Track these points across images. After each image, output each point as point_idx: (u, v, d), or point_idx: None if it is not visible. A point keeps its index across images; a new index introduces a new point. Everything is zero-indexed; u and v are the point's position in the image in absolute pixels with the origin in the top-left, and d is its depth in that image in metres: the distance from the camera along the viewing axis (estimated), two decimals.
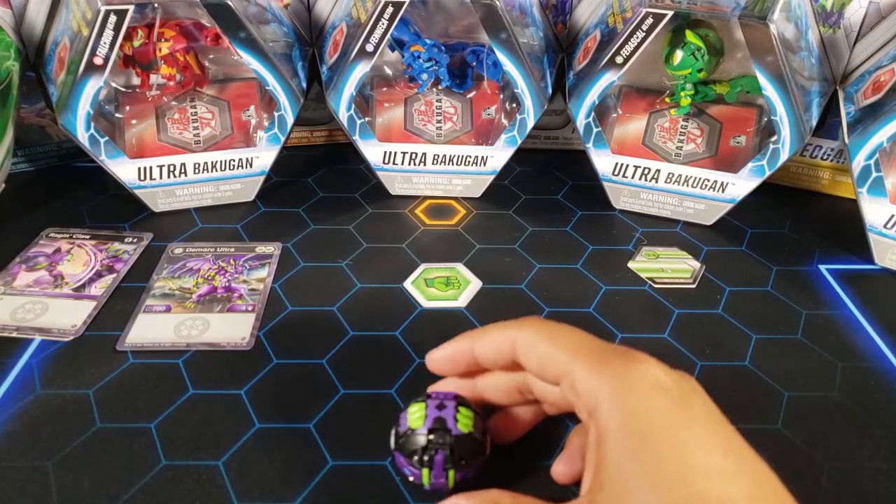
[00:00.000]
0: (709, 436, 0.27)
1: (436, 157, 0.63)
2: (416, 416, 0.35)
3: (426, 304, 0.51)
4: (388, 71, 0.65)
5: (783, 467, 0.40)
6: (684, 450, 0.26)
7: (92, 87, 0.53)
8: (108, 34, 0.51)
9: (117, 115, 0.60)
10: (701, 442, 0.26)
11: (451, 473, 0.35)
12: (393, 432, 0.37)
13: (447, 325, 0.50)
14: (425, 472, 0.35)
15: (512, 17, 0.56)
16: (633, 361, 0.29)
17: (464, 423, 0.35)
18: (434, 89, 0.64)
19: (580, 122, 0.60)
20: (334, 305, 0.51)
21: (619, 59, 0.56)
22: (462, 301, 0.51)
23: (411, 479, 0.36)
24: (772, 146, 0.56)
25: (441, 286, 0.53)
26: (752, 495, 0.25)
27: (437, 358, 0.37)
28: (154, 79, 0.59)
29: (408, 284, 0.53)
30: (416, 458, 0.35)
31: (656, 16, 0.53)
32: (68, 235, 0.57)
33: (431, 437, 0.34)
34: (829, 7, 0.58)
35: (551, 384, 0.32)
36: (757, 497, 0.25)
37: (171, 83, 0.59)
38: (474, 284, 0.53)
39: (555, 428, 0.41)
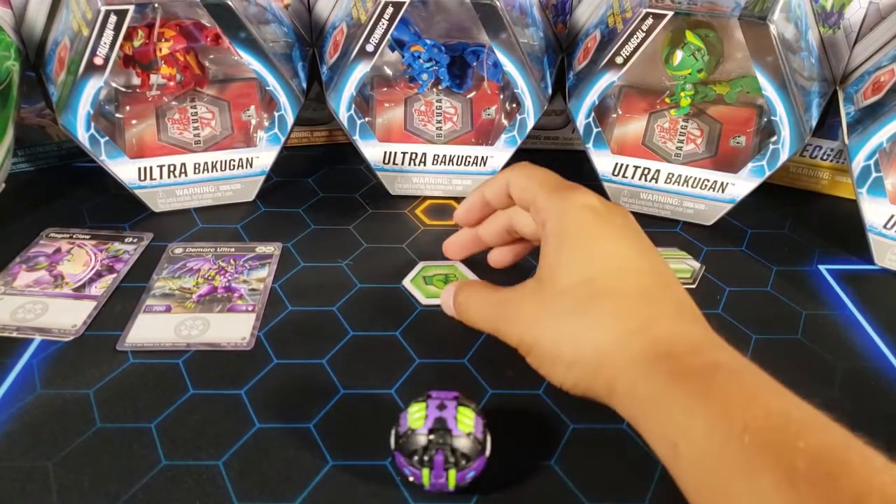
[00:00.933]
0: (620, 238, 0.37)
1: (436, 157, 0.63)
2: (416, 416, 0.35)
3: (424, 301, 0.51)
4: (389, 71, 0.65)
5: None
6: (597, 244, 0.36)
7: (92, 87, 0.53)
8: (109, 34, 0.51)
9: (117, 115, 0.60)
10: (612, 239, 0.37)
11: (452, 473, 0.35)
12: (393, 432, 0.37)
13: (447, 325, 0.49)
14: (426, 472, 0.35)
15: (512, 18, 0.56)
16: (576, 191, 0.39)
17: (464, 423, 0.35)
18: (434, 89, 0.64)
19: (580, 122, 0.60)
20: (334, 305, 0.51)
21: (619, 60, 0.56)
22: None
23: (411, 479, 0.36)
24: (772, 146, 0.56)
25: (440, 284, 0.53)
26: (643, 268, 0.37)
27: (461, 211, 0.48)
28: (154, 79, 0.59)
29: (406, 282, 0.53)
30: (416, 458, 0.35)
31: (656, 16, 0.53)
32: (68, 235, 0.57)
33: (432, 437, 0.34)
34: (829, 7, 0.58)
35: (525, 210, 0.42)
36: (647, 268, 0.37)
37: (172, 83, 0.59)
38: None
39: (555, 427, 0.41)
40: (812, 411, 0.29)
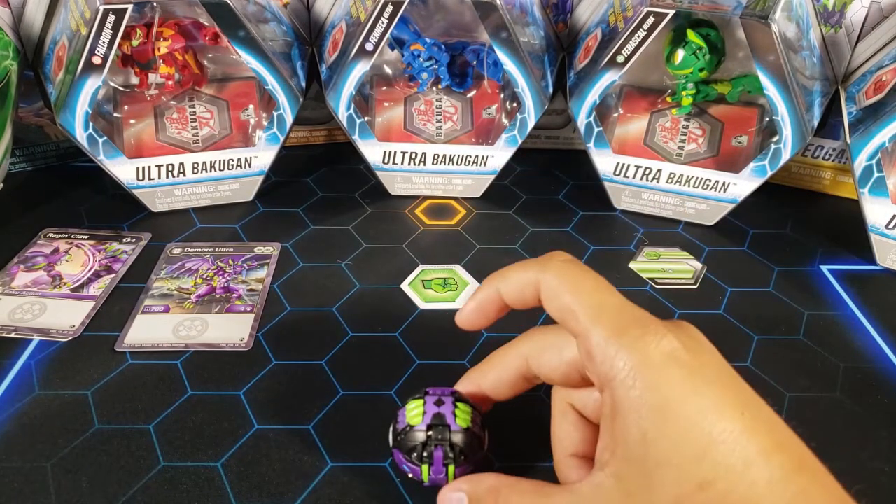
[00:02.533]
0: (723, 397, 0.27)
1: (436, 156, 0.63)
2: (414, 413, 0.35)
3: (423, 305, 0.51)
4: (388, 70, 0.65)
5: None
6: (704, 420, 0.26)
7: (90, 87, 0.53)
8: (107, 33, 0.51)
9: (116, 114, 0.60)
10: (717, 406, 0.26)
11: (451, 469, 0.34)
12: (391, 429, 0.36)
13: (447, 326, 0.49)
14: (424, 468, 0.34)
15: (512, 16, 0.55)
16: (648, 334, 0.28)
17: (462, 418, 0.35)
18: (434, 88, 0.64)
19: (581, 121, 0.60)
20: (333, 306, 0.51)
21: (620, 59, 0.55)
22: (460, 303, 0.51)
23: (410, 475, 0.36)
24: (773, 146, 0.56)
25: (438, 287, 0.53)
26: (768, 449, 0.26)
27: (467, 312, 0.36)
28: (153, 78, 0.59)
29: (405, 286, 0.53)
30: (415, 454, 0.34)
31: (658, 15, 0.53)
32: (66, 235, 0.57)
33: (430, 433, 0.34)
34: (831, 6, 0.58)
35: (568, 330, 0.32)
36: (772, 449, 0.26)
37: (170, 82, 0.59)
38: (472, 286, 0.53)
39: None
40: None
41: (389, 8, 0.54)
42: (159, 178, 0.60)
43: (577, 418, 0.34)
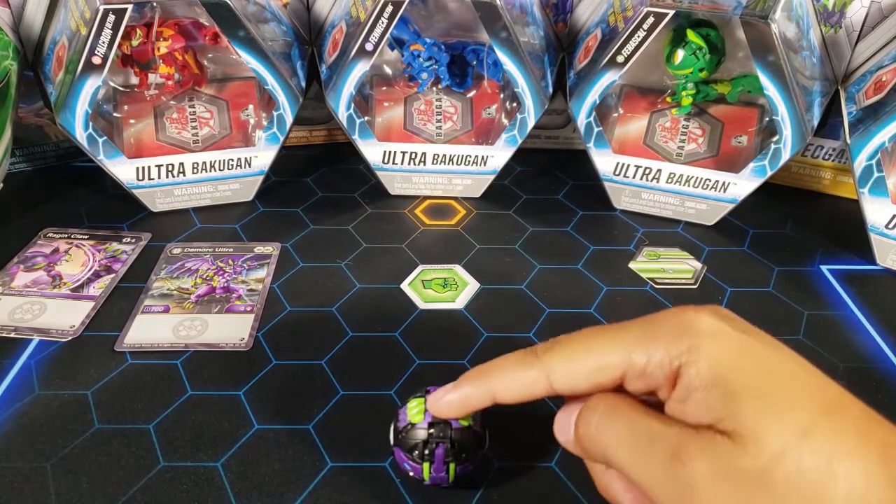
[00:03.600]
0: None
1: (436, 156, 0.63)
2: (415, 411, 0.35)
3: (423, 305, 0.51)
4: (388, 70, 0.65)
5: None
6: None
7: (90, 87, 0.53)
8: (107, 33, 0.51)
9: (115, 114, 0.60)
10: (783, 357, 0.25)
11: (452, 467, 0.34)
12: (392, 428, 0.36)
13: (447, 326, 0.49)
14: (426, 466, 0.34)
15: (512, 16, 0.55)
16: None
17: (463, 416, 0.35)
18: (434, 88, 0.64)
19: (581, 121, 0.60)
20: (333, 306, 0.51)
21: (620, 59, 0.55)
22: (459, 303, 0.51)
23: (411, 474, 0.36)
24: (773, 146, 0.56)
25: (438, 287, 0.53)
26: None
27: (449, 401, 0.31)
28: (153, 78, 0.59)
29: (405, 286, 0.53)
30: (416, 452, 0.34)
31: (658, 15, 0.53)
32: (66, 235, 0.57)
33: (432, 431, 0.34)
34: (831, 6, 0.58)
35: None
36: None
37: (170, 82, 0.59)
38: (472, 286, 0.53)
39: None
40: None
41: (389, 8, 0.54)
42: (159, 178, 0.60)
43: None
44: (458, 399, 0.31)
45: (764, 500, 0.21)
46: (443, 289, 0.53)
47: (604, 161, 0.62)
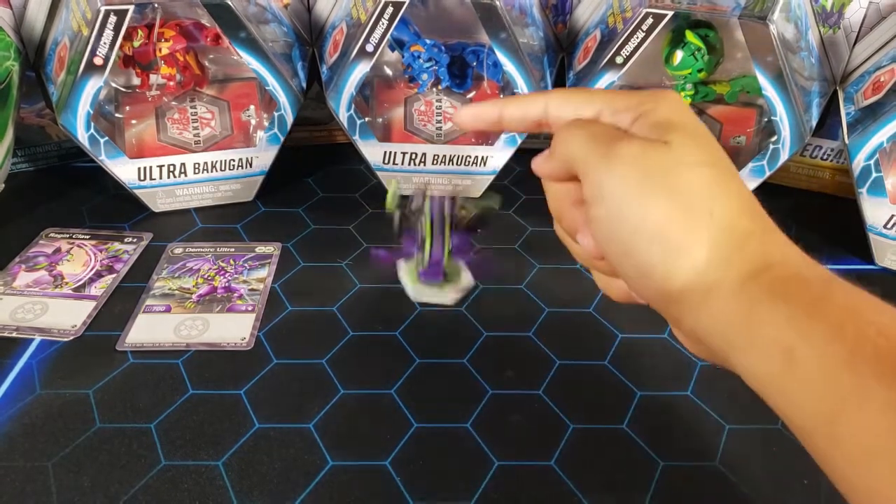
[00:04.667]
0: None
1: (436, 157, 0.63)
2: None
3: (414, 294, 0.49)
4: (389, 71, 0.65)
5: (783, 468, 0.40)
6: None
7: (92, 87, 0.53)
8: (108, 34, 0.51)
9: (117, 115, 0.60)
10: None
11: (448, 241, 0.37)
12: (398, 216, 0.38)
13: (447, 326, 0.50)
14: (427, 244, 0.37)
15: (512, 17, 0.56)
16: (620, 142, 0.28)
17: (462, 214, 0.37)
18: (434, 89, 0.64)
19: None
20: (334, 305, 0.51)
21: (619, 59, 0.56)
22: (454, 293, 0.51)
23: (411, 264, 0.38)
24: (772, 146, 0.56)
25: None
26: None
27: (465, 113, 0.35)
28: (154, 79, 0.59)
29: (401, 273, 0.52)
30: (422, 222, 0.38)
31: (656, 16, 0.53)
32: (68, 235, 0.57)
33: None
34: (829, 7, 0.58)
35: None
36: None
37: (171, 83, 0.59)
38: (465, 274, 0.52)
39: (555, 427, 0.41)
40: None
41: (390, 9, 0.54)
42: (160, 178, 0.60)
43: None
44: (472, 110, 0.34)
45: (660, 185, 0.26)
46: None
47: None
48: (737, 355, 0.26)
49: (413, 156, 0.63)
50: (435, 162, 0.63)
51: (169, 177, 0.60)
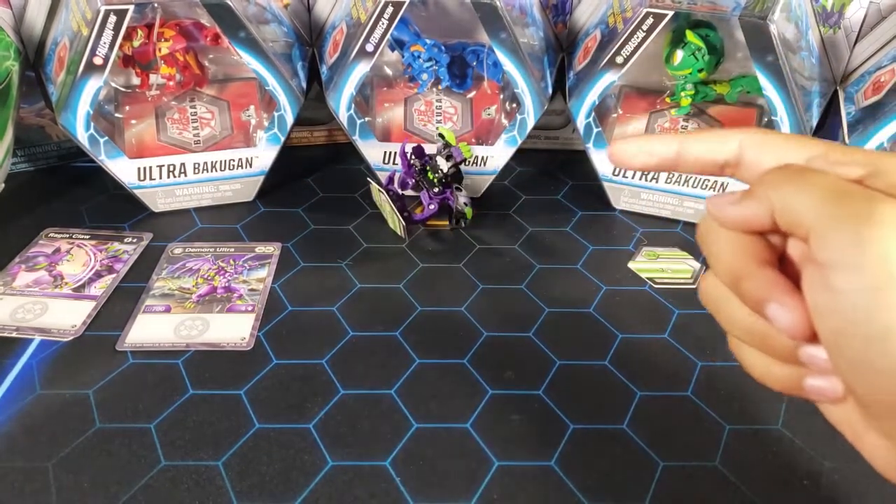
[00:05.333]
0: None
1: None
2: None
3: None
4: (388, 71, 0.65)
5: (783, 468, 0.40)
6: None
7: (92, 87, 0.53)
8: (108, 34, 0.51)
9: (117, 114, 0.60)
10: None
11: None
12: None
13: (447, 325, 0.50)
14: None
15: (512, 17, 0.56)
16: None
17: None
18: (434, 89, 0.64)
19: (580, 122, 0.60)
20: (334, 305, 0.51)
21: (619, 59, 0.56)
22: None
23: (432, 207, 0.49)
24: None
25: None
26: None
27: (630, 148, 0.28)
28: (154, 79, 0.59)
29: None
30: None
31: (657, 16, 0.53)
32: (68, 235, 0.57)
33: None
34: (830, 7, 0.58)
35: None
36: None
37: (171, 83, 0.59)
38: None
39: (555, 427, 0.41)
40: None
41: (389, 9, 0.54)
42: (160, 178, 0.60)
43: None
44: (640, 145, 0.28)
45: None
46: None
47: (603, 161, 0.62)
48: None
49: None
50: None
51: (169, 177, 0.60)
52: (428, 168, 0.57)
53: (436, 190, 0.57)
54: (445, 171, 0.57)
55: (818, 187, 0.22)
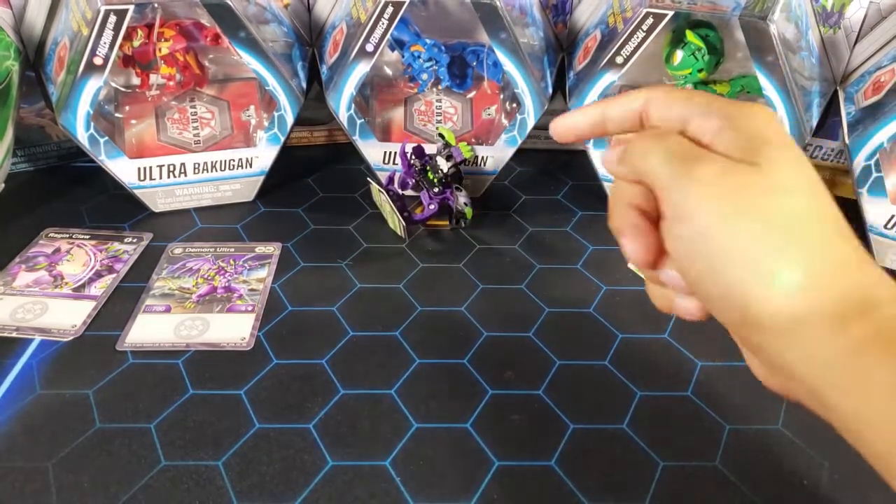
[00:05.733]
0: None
1: None
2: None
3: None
4: (388, 71, 0.65)
5: (784, 467, 0.40)
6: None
7: (92, 87, 0.53)
8: (108, 34, 0.51)
9: (117, 114, 0.60)
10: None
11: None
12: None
13: (447, 325, 0.49)
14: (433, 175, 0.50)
15: (512, 17, 0.56)
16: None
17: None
18: (434, 89, 0.64)
19: None
20: (334, 305, 0.51)
21: (619, 59, 0.56)
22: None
23: (432, 207, 0.49)
24: None
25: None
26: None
27: (564, 122, 0.34)
28: (154, 79, 0.59)
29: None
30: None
31: (657, 16, 0.53)
32: (68, 235, 0.57)
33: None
34: (830, 7, 0.58)
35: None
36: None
37: (171, 83, 0.59)
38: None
39: (555, 427, 0.41)
40: None
41: (390, 9, 0.54)
42: (160, 178, 0.60)
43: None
44: (567, 121, 0.34)
45: (750, 207, 0.25)
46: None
47: None
48: (837, 395, 0.24)
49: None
50: None
51: (169, 177, 0.60)
52: (428, 168, 0.57)
53: (436, 190, 0.57)
54: (445, 171, 0.57)
55: (662, 151, 0.27)
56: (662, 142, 0.28)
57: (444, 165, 0.49)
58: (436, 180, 0.57)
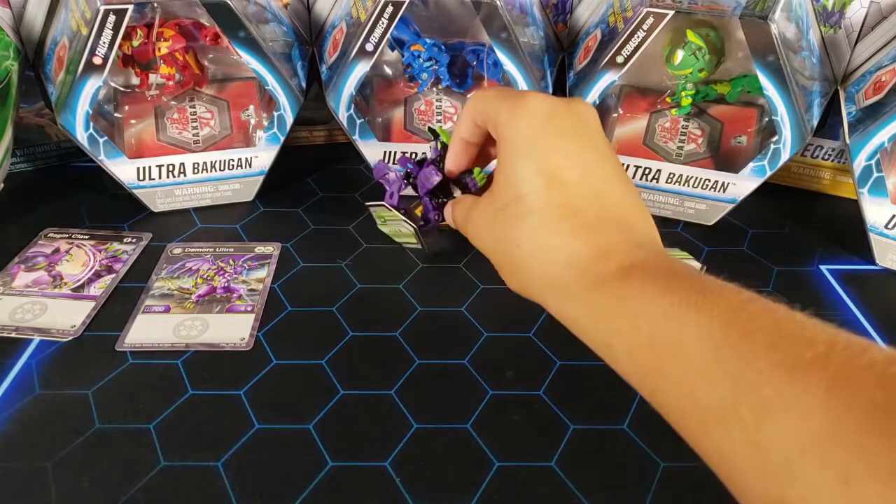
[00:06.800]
0: (565, 145, 0.34)
1: None
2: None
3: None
4: (388, 70, 0.65)
5: None
6: (540, 153, 0.34)
7: (91, 87, 0.53)
8: (108, 33, 0.51)
9: (116, 114, 0.60)
10: (557, 148, 0.34)
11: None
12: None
13: (447, 326, 0.49)
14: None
15: (512, 17, 0.55)
16: (527, 96, 0.35)
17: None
18: (434, 89, 0.64)
19: None
20: (334, 306, 0.51)
21: (619, 59, 0.56)
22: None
23: (434, 216, 0.47)
24: (773, 146, 0.56)
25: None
26: (581, 176, 0.34)
27: (450, 162, 0.43)
28: (153, 78, 0.59)
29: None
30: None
31: (657, 15, 0.53)
32: (67, 235, 0.57)
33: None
34: (831, 7, 0.58)
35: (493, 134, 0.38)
36: (586, 176, 0.34)
37: (171, 83, 0.59)
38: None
39: (555, 427, 0.41)
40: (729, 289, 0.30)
41: (389, 8, 0.54)
42: (160, 178, 0.60)
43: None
44: (451, 160, 0.43)
45: (495, 227, 0.36)
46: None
47: None
48: (580, 324, 0.32)
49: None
50: None
51: (168, 177, 0.60)
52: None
53: (440, 200, 0.55)
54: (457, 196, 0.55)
55: (492, 92, 0.37)
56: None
57: (457, 194, 0.48)
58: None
